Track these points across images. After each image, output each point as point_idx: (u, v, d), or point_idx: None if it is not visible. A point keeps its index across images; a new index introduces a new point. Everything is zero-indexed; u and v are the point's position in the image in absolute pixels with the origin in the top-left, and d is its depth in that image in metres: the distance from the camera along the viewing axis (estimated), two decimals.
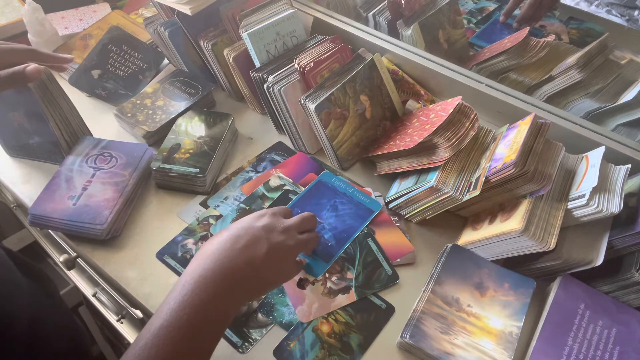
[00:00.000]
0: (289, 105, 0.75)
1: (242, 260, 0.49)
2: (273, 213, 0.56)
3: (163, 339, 0.41)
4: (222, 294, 0.46)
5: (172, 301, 0.44)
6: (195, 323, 0.43)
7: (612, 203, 0.57)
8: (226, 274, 0.47)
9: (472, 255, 0.65)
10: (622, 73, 0.80)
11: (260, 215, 0.55)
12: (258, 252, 0.50)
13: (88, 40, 0.98)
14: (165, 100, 0.85)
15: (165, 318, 0.43)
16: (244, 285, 0.49)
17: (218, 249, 0.49)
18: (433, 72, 0.83)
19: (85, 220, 0.66)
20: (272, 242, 0.52)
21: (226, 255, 0.48)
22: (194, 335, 0.43)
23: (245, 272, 0.48)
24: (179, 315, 0.43)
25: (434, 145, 0.67)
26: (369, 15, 0.92)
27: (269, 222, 0.54)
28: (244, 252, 0.49)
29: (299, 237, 0.56)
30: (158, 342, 0.41)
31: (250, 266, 0.49)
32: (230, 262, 0.48)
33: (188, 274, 0.47)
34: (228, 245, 0.49)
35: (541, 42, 0.85)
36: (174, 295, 0.45)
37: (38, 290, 0.66)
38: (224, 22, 0.83)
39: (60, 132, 0.74)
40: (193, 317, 0.43)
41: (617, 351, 0.55)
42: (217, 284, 0.46)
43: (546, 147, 0.65)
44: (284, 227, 0.54)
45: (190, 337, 0.42)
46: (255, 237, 0.51)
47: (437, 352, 0.55)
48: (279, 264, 0.53)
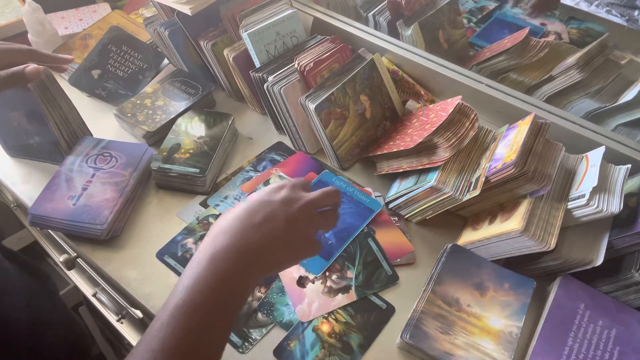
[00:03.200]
0: (289, 105, 0.75)
1: (258, 237, 0.46)
2: (292, 186, 0.51)
3: (178, 319, 0.40)
4: (237, 271, 0.44)
5: (186, 279, 0.43)
6: (210, 301, 0.42)
7: (612, 203, 0.57)
8: (241, 251, 0.45)
9: (472, 255, 0.64)
10: (622, 73, 0.80)
11: (278, 188, 0.51)
12: (275, 228, 0.47)
13: (88, 40, 0.98)
14: (165, 100, 0.85)
15: (180, 297, 0.41)
16: (260, 262, 0.46)
17: (233, 225, 0.46)
18: (433, 72, 0.83)
19: (85, 220, 0.66)
20: (291, 218, 0.48)
21: (241, 231, 0.46)
22: (209, 314, 0.42)
23: (261, 249, 0.46)
24: (194, 294, 0.42)
25: (434, 145, 0.67)
26: (369, 15, 0.92)
27: (287, 195, 0.50)
28: (260, 228, 0.46)
29: (319, 214, 0.52)
30: (173, 322, 0.40)
31: (266, 243, 0.46)
32: (245, 239, 0.45)
33: (201, 251, 0.45)
34: (243, 221, 0.47)
35: (541, 42, 0.85)
36: (189, 273, 0.43)
37: (38, 290, 0.66)
38: (224, 22, 0.83)
39: (60, 132, 0.74)
40: (208, 295, 0.42)
41: (617, 351, 0.55)
42: (231, 262, 0.44)
43: (546, 147, 0.65)
44: (304, 202, 0.50)
45: (206, 316, 0.41)
46: (273, 212, 0.48)
47: (437, 352, 0.55)
48: (297, 242, 0.49)
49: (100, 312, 0.87)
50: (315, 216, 0.51)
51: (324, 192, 0.53)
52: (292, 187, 0.51)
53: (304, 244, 0.50)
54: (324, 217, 0.52)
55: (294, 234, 0.48)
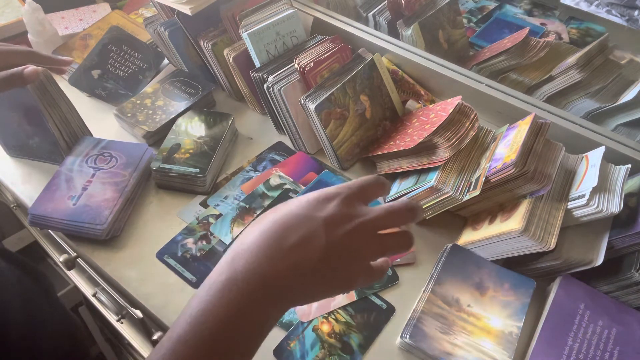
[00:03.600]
0: (289, 105, 0.75)
1: (288, 264, 0.36)
2: (347, 197, 0.39)
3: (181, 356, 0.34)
4: (256, 304, 0.35)
5: (194, 307, 0.35)
6: (219, 338, 0.34)
7: (612, 203, 0.57)
8: (264, 280, 0.36)
9: (472, 255, 0.65)
10: (622, 73, 0.80)
11: (326, 199, 0.39)
12: (312, 256, 0.36)
13: (88, 40, 0.98)
14: (165, 100, 0.85)
15: (184, 328, 0.34)
16: (287, 295, 0.37)
17: (258, 244, 0.37)
18: (433, 72, 0.83)
19: (85, 220, 0.66)
20: (334, 245, 0.37)
21: (267, 254, 0.36)
22: (216, 354, 0.34)
23: (291, 280, 0.36)
24: (200, 328, 0.34)
25: (434, 145, 0.67)
26: (369, 15, 0.92)
27: (336, 211, 0.38)
28: (292, 252, 0.36)
29: (380, 237, 0.39)
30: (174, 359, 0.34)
31: (299, 273, 0.36)
32: (271, 265, 0.36)
33: (217, 272, 0.37)
34: (272, 240, 0.37)
35: (541, 42, 0.85)
36: (198, 300, 0.36)
37: (34, 290, 0.66)
38: (224, 22, 0.83)
39: (59, 133, 0.74)
40: (216, 331, 0.34)
41: (617, 351, 0.55)
42: (250, 291, 0.35)
43: (546, 147, 0.65)
44: (357, 224, 0.38)
45: (213, 356, 0.34)
46: (312, 234, 0.37)
47: (437, 352, 0.55)
48: (342, 272, 0.38)
49: (100, 312, 0.87)
50: (374, 241, 0.39)
51: (391, 208, 0.40)
52: (346, 200, 0.39)
53: (354, 273, 0.39)
54: (389, 240, 0.40)
55: (337, 262, 0.37)
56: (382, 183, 0.42)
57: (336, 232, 0.37)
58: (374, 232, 0.39)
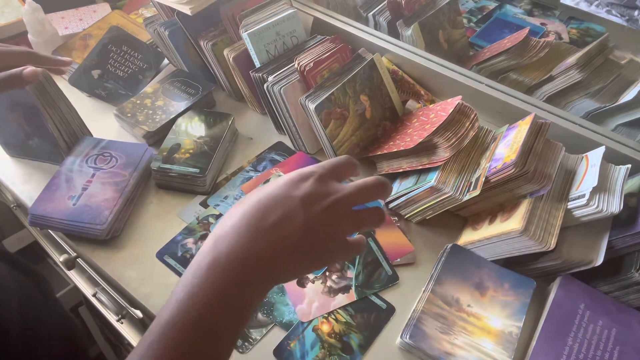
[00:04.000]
0: (289, 105, 0.75)
1: (270, 243, 0.38)
2: (321, 176, 0.41)
3: (170, 339, 0.35)
4: (240, 284, 0.37)
5: (181, 291, 0.36)
6: (207, 319, 0.35)
7: (612, 203, 0.57)
8: (246, 260, 0.37)
9: (472, 255, 0.65)
10: (622, 73, 0.80)
11: (301, 179, 0.41)
12: (291, 234, 0.38)
13: (88, 40, 0.98)
14: (165, 100, 0.85)
15: (172, 312, 0.35)
16: (270, 273, 0.38)
17: (239, 226, 0.38)
18: (433, 72, 0.83)
19: (85, 220, 0.66)
20: (313, 221, 0.39)
21: (248, 235, 0.38)
22: (205, 334, 0.35)
23: (273, 259, 0.38)
24: (188, 311, 0.35)
25: (434, 145, 0.67)
26: (369, 15, 0.92)
27: (312, 190, 0.40)
28: (273, 231, 0.38)
29: (355, 212, 0.41)
30: (165, 342, 0.35)
31: (280, 251, 0.38)
32: (253, 245, 0.37)
33: (201, 255, 0.38)
34: (252, 222, 0.38)
35: (541, 42, 0.85)
36: (184, 284, 0.37)
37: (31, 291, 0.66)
38: (224, 22, 0.83)
39: (59, 133, 0.74)
40: (204, 312, 0.35)
41: (617, 351, 0.55)
42: (233, 272, 0.37)
43: (546, 147, 0.65)
44: (333, 200, 0.40)
45: (201, 336, 0.35)
46: (291, 213, 0.38)
47: (437, 352, 0.55)
48: (320, 247, 0.40)
49: (100, 312, 0.87)
50: (349, 216, 0.41)
51: (363, 184, 0.42)
52: (320, 178, 0.41)
53: (332, 248, 0.41)
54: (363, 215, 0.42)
55: (316, 238, 0.39)
56: (353, 164, 0.44)
57: (313, 209, 0.39)
58: (349, 208, 0.41)
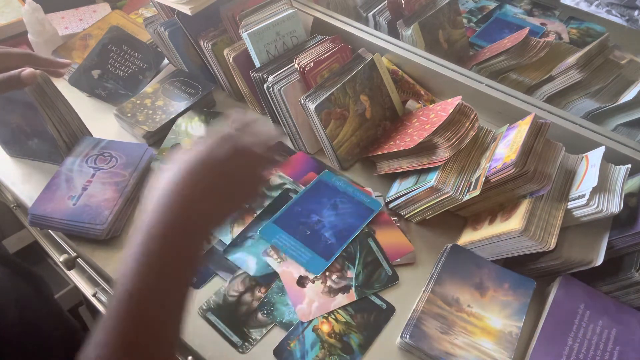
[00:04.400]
0: (289, 105, 0.75)
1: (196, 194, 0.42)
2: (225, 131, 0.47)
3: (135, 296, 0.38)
4: (185, 236, 0.41)
5: (137, 260, 0.39)
6: (163, 275, 0.39)
7: (612, 203, 0.57)
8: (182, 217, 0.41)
9: (472, 255, 0.65)
10: (622, 73, 0.80)
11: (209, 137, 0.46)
12: (211, 178, 0.43)
13: (88, 40, 0.98)
14: (165, 100, 0.85)
15: (132, 280, 0.38)
16: (206, 218, 0.43)
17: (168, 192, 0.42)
18: (433, 72, 0.83)
19: (85, 220, 0.66)
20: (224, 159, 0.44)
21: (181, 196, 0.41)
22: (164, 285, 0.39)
23: (203, 204, 0.42)
24: (145, 272, 0.39)
25: (434, 145, 0.67)
26: (369, 15, 0.92)
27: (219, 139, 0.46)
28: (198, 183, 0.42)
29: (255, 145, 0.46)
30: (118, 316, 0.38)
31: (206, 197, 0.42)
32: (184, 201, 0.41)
33: (147, 226, 0.40)
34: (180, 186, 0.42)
35: (541, 42, 0.85)
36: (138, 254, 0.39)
37: (29, 292, 0.66)
38: (224, 22, 0.83)
39: (58, 134, 0.74)
40: (158, 269, 0.39)
41: (617, 351, 0.55)
42: (179, 230, 0.40)
43: (546, 147, 0.65)
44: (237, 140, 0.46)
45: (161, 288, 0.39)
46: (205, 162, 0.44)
47: (437, 352, 0.55)
48: (238, 179, 0.45)
49: (101, 312, 0.87)
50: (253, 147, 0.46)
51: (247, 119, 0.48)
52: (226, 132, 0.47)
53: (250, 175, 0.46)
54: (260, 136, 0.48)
55: (233, 173, 0.45)
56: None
57: (223, 149, 0.44)
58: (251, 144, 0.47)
